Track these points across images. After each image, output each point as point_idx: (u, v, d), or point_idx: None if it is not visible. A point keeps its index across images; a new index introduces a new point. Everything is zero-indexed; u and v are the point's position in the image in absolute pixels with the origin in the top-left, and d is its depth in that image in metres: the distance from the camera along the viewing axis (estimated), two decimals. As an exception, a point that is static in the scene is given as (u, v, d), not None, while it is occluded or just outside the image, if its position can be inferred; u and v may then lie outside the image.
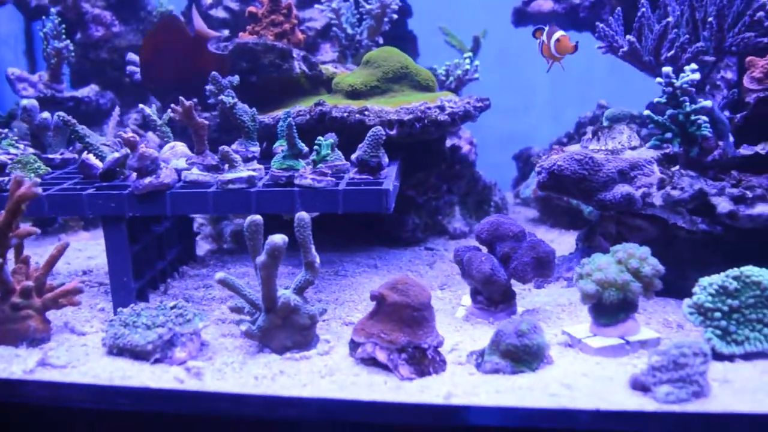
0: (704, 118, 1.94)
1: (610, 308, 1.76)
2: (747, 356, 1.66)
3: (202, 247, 2.69)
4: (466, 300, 2.05)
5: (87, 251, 2.69)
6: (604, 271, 1.74)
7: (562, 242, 2.70)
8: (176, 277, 2.31)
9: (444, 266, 2.45)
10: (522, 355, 1.62)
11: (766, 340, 1.66)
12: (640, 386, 1.51)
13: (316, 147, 1.93)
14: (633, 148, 2.14)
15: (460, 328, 1.92)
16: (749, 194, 1.81)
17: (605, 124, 2.18)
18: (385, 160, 2.00)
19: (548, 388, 1.52)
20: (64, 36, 3.09)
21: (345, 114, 2.21)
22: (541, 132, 3.51)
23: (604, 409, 1.37)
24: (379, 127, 1.94)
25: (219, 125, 2.43)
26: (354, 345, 1.71)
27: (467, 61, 2.80)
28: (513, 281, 1.96)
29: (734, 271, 1.69)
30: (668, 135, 1.91)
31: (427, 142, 2.46)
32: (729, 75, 2.39)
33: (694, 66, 1.91)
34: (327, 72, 2.58)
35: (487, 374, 1.63)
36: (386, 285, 1.69)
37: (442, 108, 2.26)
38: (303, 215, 1.71)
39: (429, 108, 2.24)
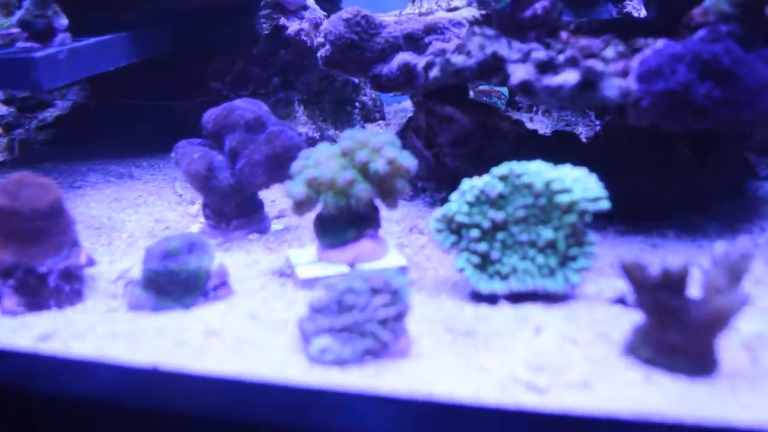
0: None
1: (335, 222, 1.21)
2: (514, 297, 1.10)
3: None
4: (209, 215, 1.53)
5: None
6: (320, 167, 1.18)
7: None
8: None
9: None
10: (168, 285, 1.11)
11: (540, 273, 1.09)
12: (306, 336, 0.99)
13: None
14: (452, 10, 1.54)
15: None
16: (560, 59, 1.20)
17: (418, -23, 1.58)
18: (62, 21, 1.46)
19: (183, 335, 1.03)
20: None
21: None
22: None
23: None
24: (46, -31, 1.40)
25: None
26: (-37, 267, 1.23)
27: None
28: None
29: (502, 168, 1.12)
30: (456, -26, 1.30)
31: (214, 14, 1.90)
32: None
33: None
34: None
35: (133, 311, 1.14)
36: (-1, 183, 1.20)
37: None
38: None
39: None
